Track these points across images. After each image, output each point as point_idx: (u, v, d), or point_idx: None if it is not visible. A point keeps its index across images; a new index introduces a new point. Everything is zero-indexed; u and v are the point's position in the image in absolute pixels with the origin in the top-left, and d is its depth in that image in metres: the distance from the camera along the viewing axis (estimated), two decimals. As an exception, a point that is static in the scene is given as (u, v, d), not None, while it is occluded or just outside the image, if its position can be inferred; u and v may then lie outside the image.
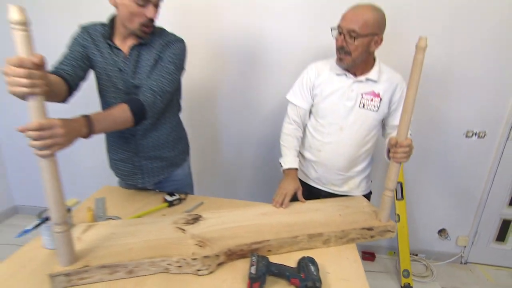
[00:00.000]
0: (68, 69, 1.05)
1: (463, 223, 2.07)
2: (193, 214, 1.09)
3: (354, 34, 1.09)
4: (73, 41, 1.14)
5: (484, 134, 1.84)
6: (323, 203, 1.23)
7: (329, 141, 1.28)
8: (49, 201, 0.76)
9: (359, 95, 1.21)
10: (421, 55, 0.91)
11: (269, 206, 1.20)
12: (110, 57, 1.13)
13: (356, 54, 1.13)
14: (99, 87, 1.20)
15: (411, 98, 0.96)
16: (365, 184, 1.37)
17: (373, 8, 1.11)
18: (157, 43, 1.14)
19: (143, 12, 1.03)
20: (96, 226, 1.03)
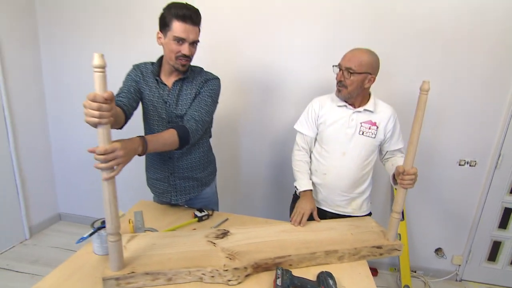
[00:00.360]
0: (125, 100, 1.10)
1: (457, 243, 2.01)
2: (221, 229, 1.09)
3: (351, 71, 1.17)
4: (127, 77, 1.20)
5: (475, 163, 1.82)
6: (336, 222, 1.22)
7: (334, 165, 1.29)
8: (107, 215, 0.79)
9: (358, 124, 1.25)
10: (425, 96, 0.94)
11: (288, 224, 1.20)
12: (157, 91, 1.18)
13: (351, 88, 1.19)
14: (145, 116, 1.25)
15: (416, 132, 0.98)
16: (366, 205, 1.38)
17: (369, 52, 1.19)
18: (197, 79, 1.19)
19: (180, 49, 1.08)
20: (138, 236, 1.03)
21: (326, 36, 1.77)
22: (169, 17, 1.06)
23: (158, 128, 1.21)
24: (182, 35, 1.06)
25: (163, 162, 1.29)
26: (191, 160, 1.29)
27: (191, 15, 1.05)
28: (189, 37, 1.07)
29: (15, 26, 2.00)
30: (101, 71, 0.68)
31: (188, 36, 1.07)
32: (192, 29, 1.07)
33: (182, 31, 1.05)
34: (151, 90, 1.19)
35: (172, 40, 1.07)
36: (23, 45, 2.07)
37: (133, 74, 1.20)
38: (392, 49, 1.72)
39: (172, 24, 1.05)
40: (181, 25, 1.05)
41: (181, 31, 1.05)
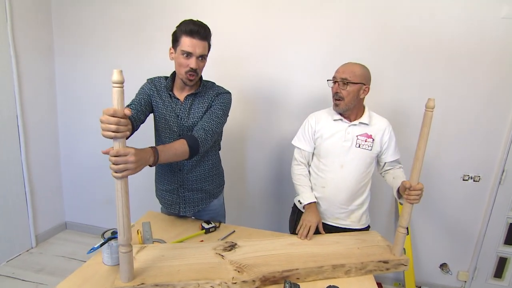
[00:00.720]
0: (134, 113, 1.13)
1: (462, 259, 1.98)
2: (229, 242, 1.10)
3: (346, 81, 1.21)
4: (141, 90, 1.24)
5: (479, 178, 1.82)
6: (342, 236, 1.22)
7: (332, 178, 1.31)
8: (119, 226, 0.80)
9: (355, 137, 1.27)
10: (430, 113, 0.96)
11: (294, 237, 1.20)
12: (169, 105, 1.21)
13: (348, 99, 1.22)
14: (157, 129, 1.28)
15: (422, 149, 0.99)
16: (365, 218, 1.38)
17: (360, 64, 1.25)
18: (208, 93, 1.23)
19: (187, 63, 1.12)
20: (147, 248, 1.04)
21: (331, 50, 1.81)
22: (179, 33, 1.11)
23: (169, 141, 1.24)
24: (189, 49, 1.09)
25: (172, 174, 1.30)
26: (200, 172, 1.31)
27: (198, 30, 1.09)
28: (196, 51, 1.10)
29: (32, 39, 2.07)
30: (119, 87, 0.71)
31: (194, 50, 1.09)
32: (199, 44, 1.10)
33: (189, 45, 1.09)
34: (164, 104, 1.22)
35: (180, 55, 1.11)
36: (39, 57, 2.13)
37: (146, 88, 1.23)
38: (395, 64, 1.76)
39: (181, 39, 1.10)
40: (188, 39, 1.08)
41: (188, 45, 1.09)
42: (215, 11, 1.91)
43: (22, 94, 2.03)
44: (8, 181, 2.03)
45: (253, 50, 1.91)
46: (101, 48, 2.13)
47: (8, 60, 1.93)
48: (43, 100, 2.21)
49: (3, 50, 1.90)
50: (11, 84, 1.97)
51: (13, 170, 2.05)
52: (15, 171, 2.07)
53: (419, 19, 1.68)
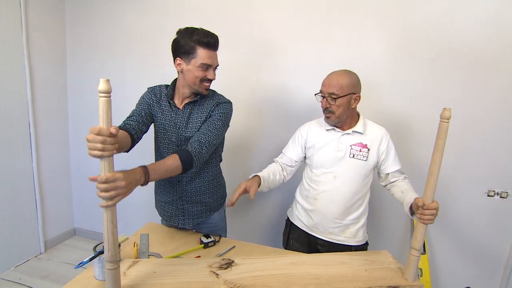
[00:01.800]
0: (134, 124, 1.11)
1: (489, 283, 1.80)
2: (226, 259, 1.04)
3: (334, 96, 1.15)
4: (141, 100, 1.22)
5: (507, 194, 1.66)
6: (348, 256, 1.13)
7: (324, 190, 1.24)
8: (105, 242, 0.76)
9: (348, 146, 1.21)
10: (446, 124, 0.88)
11: (297, 255, 1.13)
12: (169, 114, 1.19)
13: (339, 112, 1.17)
14: (156, 138, 1.26)
15: (436, 163, 0.90)
16: (362, 234, 1.30)
17: (346, 73, 1.18)
18: (208, 102, 1.19)
19: (205, 74, 1.12)
20: (140, 262, 1.00)
21: (341, 56, 1.74)
22: (191, 44, 1.07)
23: (167, 151, 1.21)
24: (209, 61, 1.10)
25: (171, 186, 1.27)
26: (200, 184, 1.27)
27: (215, 42, 1.10)
28: (214, 62, 1.12)
29: (46, 49, 2.14)
30: (106, 96, 0.69)
31: (213, 62, 1.11)
32: (215, 55, 1.13)
33: (208, 58, 1.09)
34: (163, 113, 1.19)
35: (197, 67, 1.09)
36: (52, 66, 2.20)
37: (146, 98, 1.21)
38: (410, 71, 1.66)
39: (197, 51, 1.08)
40: (206, 52, 1.08)
41: (207, 57, 1.09)
42: (223, 17, 1.90)
43: (34, 102, 2.10)
44: (19, 187, 2.08)
45: (259, 57, 1.88)
46: (110, 56, 2.17)
47: (22, 69, 2.00)
48: (55, 108, 2.28)
49: (18, 60, 1.97)
50: (24, 92, 2.03)
51: (24, 176, 2.10)
52: (26, 177, 2.12)
53: (437, 23, 1.59)
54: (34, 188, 2.17)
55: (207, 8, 1.92)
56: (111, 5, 2.11)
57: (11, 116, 1.96)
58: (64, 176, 2.42)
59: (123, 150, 1.01)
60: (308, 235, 1.32)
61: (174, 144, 1.19)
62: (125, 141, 1.00)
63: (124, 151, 1.02)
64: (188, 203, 1.27)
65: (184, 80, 1.14)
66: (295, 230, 1.36)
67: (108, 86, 0.68)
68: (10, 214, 2.04)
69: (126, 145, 1.02)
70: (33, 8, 2.01)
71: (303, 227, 1.34)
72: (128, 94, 2.14)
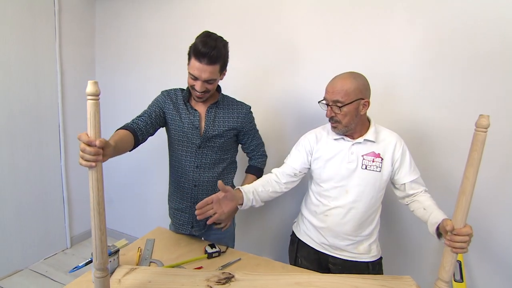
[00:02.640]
0: (142, 125, 1.11)
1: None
2: (226, 273, 0.97)
3: (339, 104, 1.02)
4: (154, 102, 1.22)
5: None
6: (363, 279, 1.00)
7: (336, 206, 1.11)
8: (94, 249, 0.73)
9: (360, 157, 1.08)
10: (483, 134, 0.73)
11: (304, 275, 1.02)
12: (187, 117, 1.18)
13: (346, 121, 1.05)
14: (172, 141, 1.24)
15: (470, 179, 0.75)
16: (375, 249, 1.17)
17: (352, 76, 1.03)
18: (233, 108, 1.23)
19: (194, 84, 1.08)
20: (137, 270, 0.97)
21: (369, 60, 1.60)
22: (191, 50, 1.06)
23: (186, 153, 1.20)
24: (195, 73, 1.05)
25: (185, 193, 1.26)
26: (214, 192, 1.23)
27: (207, 53, 1.00)
28: (201, 76, 1.04)
29: (77, 55, 2.26)
30: (94, 98, 0.66)
31: (200, 75, 1.04)
32: (205, 68, 1.03)
33: (196, 69, 1.04)
34: (180, 116, 1.18)
35: (188, 74, 1.08)
36: (81, 71, 2.31)
37: (160, 100, 1.21)
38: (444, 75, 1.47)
39: (191, 59, 1.05)
40: (196, 63, 1.03)
41: (195, 68, 1.04)
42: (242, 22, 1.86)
43: (64, 105, 2.21)
44: (49, 185, 2.20)
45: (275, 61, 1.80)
46: (136, 62, 2.23)
47: (54, 75, 2.12)
48: (83, 111, 2.34)
49: (50, 66, 2.09)
50: (56, 96, 2.15)
51: (53, 175, 2.22)
52: (55, 177, 2.23)
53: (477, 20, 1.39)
54: (62, 187, 2.28)
55: (226, 13, 1.89)
56: (136, 13, 2.17)
57: (42, 118, 2.08)
58: (89, 177, 2.52)
59: (126, 150, 1.00)
60: (318, 252, 1.20)
61: (196, 146, 1.19)
62: (126, 143, 0.99)
63: (125, 151, 1.00)
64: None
65: None
66: (304, 247, 1.24)
67: (96, 88, 0.65)
68: (40, 210, 2.16)
69: (127, 146, 1.00)
70: (66, 18, 2.12)
71: (312, 244, 1.21)
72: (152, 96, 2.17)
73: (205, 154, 1.20)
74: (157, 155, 2.22)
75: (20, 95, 1.93)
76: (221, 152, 1.23)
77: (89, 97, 0.65)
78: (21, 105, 1.95)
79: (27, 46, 1.93)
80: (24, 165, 2.02)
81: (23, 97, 1.95)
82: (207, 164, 1.21)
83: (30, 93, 1.99)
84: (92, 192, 0.69)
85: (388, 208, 1.63)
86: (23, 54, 1.91)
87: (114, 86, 2.36)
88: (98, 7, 2.32)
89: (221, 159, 1.24)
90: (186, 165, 1.21)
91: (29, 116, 2.00)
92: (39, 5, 1.95)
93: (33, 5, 1.92)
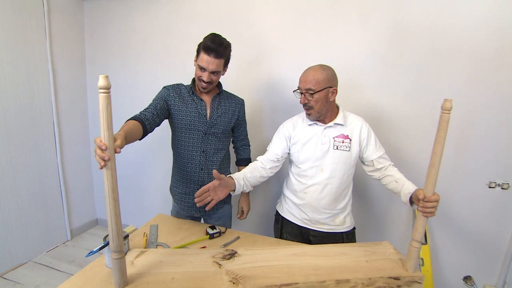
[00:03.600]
0: (149, 116, 1.13)
1: (489, 272, 1.70)
2: (229, 250, 0.99)
3: (311, 91, 1.09)
4: (158, 95, 1.23)
5: (508, 185, 1.55)
6: (350, 247, 1.06)
7: (313, 183, 1.18)
8: (110, 232, 0.73)
9: (331, 139, 1.15)
10: (447, 115, 0.80)
11: (299, 246, 1.06)
12: (193, 107, 1.22)
13: (318, 107, 1.12)
14: (178, 130, 1.26)
15: (438, 154, 0.82)
16: (349, 220, 1.26)
17: (322, 68, 1.11)
18: (231, 101, 1.32)
19: (201, 74, 1.16)
20: (147, 252, 0.96)
21: (341, 53, 1.66)
22: (200, 47, 1.14)
23: (193, 140, 1.24)
24: (203, 64, 1.13)
25: (190, 177, 1.28)
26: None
27: (215, 48, 1.11)
28: (209, 67, 1.14)
29: (67, 54, 2.14)
30: (106, 92, 0.64)
31: (208, 66, 1.13)
32: (213, 61, 1.12)
33: (204, 61, 1.13)
34: (187, 106, 1.22)
35: (197, 66, 1.16)
36: (72, 70, 2.20)
37: (164, 94, 1.23)
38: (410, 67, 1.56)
39: (200, 53, 1.14)
40: (205, 56, 1.12)
41: (204, 61, 1.13)
42: (225, 21, 1.84)
43: (58, 103, 2.10)
44: (47, 181, 2.10)
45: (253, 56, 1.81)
46: (125, 59, 2.15)
47: (46, 73, 2.00)
48: (76, 108, 2.28)
49: (42, 65, 1.97)
50: (49, 94, 2.04)
51: (50, 171, 2.12)
52: (52, 173, 2.14)
53: (437, 17, 1.48)
54: (60, 182, 2.19)
55: (210, 13, 1.87)
56: (124, 12, 2.09)
57: (37, 116, 1.98)
58: (85, 171, 2.43)
59: (136, 139, 1.02)
60: (300, 227, 1.27)
61: (202, 132, 1.23)
62: (136, 132, 1.02)
63: (136, 140, 1.03)
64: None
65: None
66: (287, 224, 1.30)
67: (107, 82, 0.64)
68: (40, 205, 2.07)
69: (137, 135, 1.03)
70: (55, 17, 2.00)
71: (294, 221, 1.27)
72: (141, 92, 2.13)
73: (210, 140, 1.25)
74: (151, 150, 2.18)
75: (14, 95, 1.83)
76: (223, 139, 1.29)
77: (101, 91, 0.64)
78: (15, 104, 1.84)
79: (19, 47, 1.82)
80: (22, 163, 1.92)
81: (18, 96, 1.85)
82: (212, 150, 1.26)
83: (24, 92, 1.88)
84: (106, 180, 0.69)
85: (359, 185, 1.73)
86: (15, 54, 1.80)
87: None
88: (86, 6, 2.20)
89: (222, 146, 1.30)
90: (193, 150, 1.25)
91: (24, 115, 1.90)
92: (29, 6, 1.84)
93: (22, 6, 1.80)
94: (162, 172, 2.18)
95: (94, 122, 2.38)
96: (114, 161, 0.69)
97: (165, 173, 2.14)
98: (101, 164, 0.67)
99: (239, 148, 1.42)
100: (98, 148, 0.67)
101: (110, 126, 0.68)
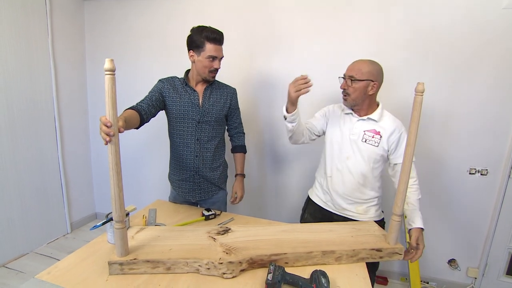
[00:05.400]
0: (145, 106, 1.18)
1: (472, 255, 1.77)
2: (224, 227, 1.05)
3: (353, 78, 1.13)
4: (154, 88, 1.28)
5: (487, 171, 1.63)
6: (337, 225, 1.12)
7: (337, 168, 1.23)
8: (113, 204, 0.78)
9: (362, 131, 1.18)
10: (420, 97, 0.87)
11: (288, 225, 1.12)
12: (187, 97, 1.27)
13: (355, 95, 1.15)
14: (173, 120, 1.30)
15: (413, 133, 0.89)
16: (374, 212, 1.25)
17: (370, 61, 1.15)
18: (222, 89, 1.35)
19: (212, 65, 1.21)
20: (147, 229, 1.02)
21: (333, 48, 1.73)
22: (201, 40, 1.18)
23: (187, 129, 1.29)
24: (215, 54, 1.20)
25: (187, 164, 1.33)
26: (212, 162, 1.36)
27: (220, 38, 1.20)
28: (220, 54, 1.22)
29: (68, 50, 2.19)
30: (111, 74, 0.71)
31: (218, 54, 1.21)
32: (220, 48, 1.22)
33: (215, 51, 1.19)
34: (181, 97, 1.27)
35: (206, 58, 1.20)
36: (73, 67, 2.25)
37: (160, 86, 1.28)
38: (394, 60, 1.63)
39: (205, 45, 1.18)
40: (213, 46, 1.18)
41: (214, 50, 1.19)
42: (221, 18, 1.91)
43: (59, 99, 2.14)
44: (48, 175, 2.14)
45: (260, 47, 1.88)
46: (124, 56, 2.20)
47: (48, 70, 2.05)
48: (76, 103, 2.32)
49: (44, 61, 2.02)
50: (50, 90, 2.08)
51: (51, 166, 2.16)
52: (53, 167, 2.17)
53: (418, 13, 1.56)
54: (60, 176, 2.22)
55: (205, 10, 1.94)
56: (123, 11, 2.14)
57: (39, 111, 2.02)
58: (85, 166, 2.47)
59: (133, 127, 1.07)
60: (323, 210, 1.29)
61: (195, 121, 1.28)
62: (134, 120, 1.06)
63: (133, 128, 1.08)
64: (202, 178, 1.35)
65: (196, 69, 1.24)
66: (312, 205, 1.34)
67: (112, 65, 0.70)
68: (41, 199, 2.10)
69: (135, 124, 1.08)
70: (57, 16, 2.05)
71: (319, 203, 1.32)
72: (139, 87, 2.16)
73: (204, 129, 1.30)
74: (144, 142, 2.23)
75: (17, 90, 1.87)
76: (216, 127, 1.33)
77: (107, 73, 0.70)
78: (18, 99, 1.88)
79: (22, 44, 1.86)
80: (23, 157, 1.95)
81: (20, 92, 1.89)
82: (205, 137, 1.31)
83: (26, 87, 1.92)
84: (110, 154, 0.74)
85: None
86: (18, 51, 1.84)
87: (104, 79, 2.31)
88: (86, 6, 2.26)
89: (215, 134, 1.34)
90: (188, 139, 1.29)
91: (26, 110, 1.93)
92: (32, 5, 1.89)
93: (26, 5, 1.86)
94: (162, 163, 2.22)
95: (94, 118, 2.43)
96: (117, 136, 0.75)
97: (165, 163, 2.18)
98: (106, 140, 0.73)
99: (233, 135, 1.47)
100: (103, 125, 0.72)
101: (115, 105, 0.73)
